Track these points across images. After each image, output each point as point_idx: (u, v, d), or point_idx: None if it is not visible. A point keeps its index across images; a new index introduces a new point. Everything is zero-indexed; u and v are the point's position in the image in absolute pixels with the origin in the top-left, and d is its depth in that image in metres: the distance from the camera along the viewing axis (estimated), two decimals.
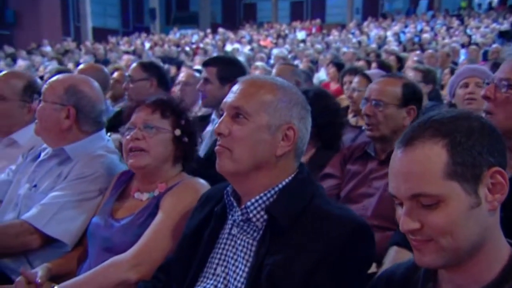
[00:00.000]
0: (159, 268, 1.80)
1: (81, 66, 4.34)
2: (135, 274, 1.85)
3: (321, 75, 9.26)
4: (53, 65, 9.66)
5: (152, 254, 1.86)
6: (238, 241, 1.62)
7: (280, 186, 1.60)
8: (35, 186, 2.34)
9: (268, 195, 1.59)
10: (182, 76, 4.67)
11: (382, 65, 6.61)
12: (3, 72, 2.98)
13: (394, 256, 2.06)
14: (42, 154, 2.44)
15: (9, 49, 18.00)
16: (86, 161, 2.30)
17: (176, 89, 4.56)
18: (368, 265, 1.58)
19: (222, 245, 1.65)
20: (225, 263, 1.62)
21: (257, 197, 1.58)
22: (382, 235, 2.33)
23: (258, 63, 7.80)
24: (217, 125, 1.61)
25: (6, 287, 1.88)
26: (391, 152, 2.46)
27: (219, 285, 1.60)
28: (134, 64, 4.06)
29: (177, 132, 2.06)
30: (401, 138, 1.28)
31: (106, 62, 12.78)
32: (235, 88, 1.65)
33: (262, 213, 1.57)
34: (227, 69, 3.30)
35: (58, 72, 4.82)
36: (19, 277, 1.89)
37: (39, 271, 1.96)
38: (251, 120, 1.57)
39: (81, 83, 2.42)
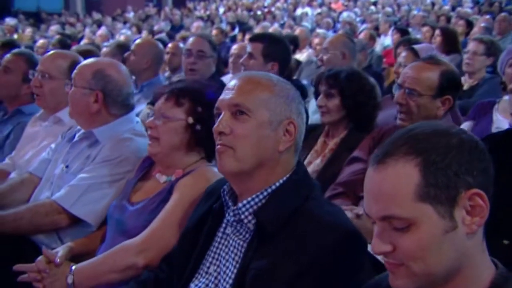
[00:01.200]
0: (163, 259, 1.76)
1: (138, 41, 4.32)
2: (142, 259, 1.83)
3: (386, 41, 8.84)
4: (127, 33, 9.82)
5: (159, 241, 1.83)
6: (231, 241, 1.55)
7: (274, 187, 1.51)
8: (67, 166, 2.37)
9: (261, 196, 1.50)
10: (234, 48, 4.58)
11: (446, 33, 6.19)
12: (50, 52, 3.02)
13: None
14: (76, 136, 2.46)
15: (96, 15, 18.52)
16: (112, 144, 2.29)
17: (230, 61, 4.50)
18: (359, 273, 1.46)
19: (217, 244, 1.58)
20: (217, 262, 1.56)
21: (249, 199, 1.50)
22: None
23: (319, 30, 7.56)
24: (216, 124, 1.53)
25: (28, 266, 1.91)
26: None
27: (210, 284, 1.54)
28: (201, 40, 3.96)
29: (190, 120, 1.99)
30: (375, 154, 1.14)
31: (181, 28, 12.88)
32: (231, 85, 1.56)
33: (251, 216, 1.49)
34: (273, 47, 3.24)
35: (118, 45, 4.89)
36: (41, 256, 1.93)
37: (60, 251, 1.98)
38: (252, 117, 1.49)
39: (108, 67, 2.39)
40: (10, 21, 13.95)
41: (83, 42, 8.59)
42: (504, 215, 1.81)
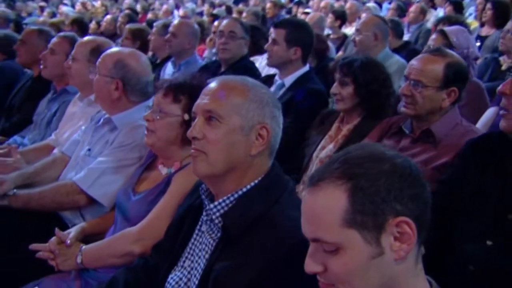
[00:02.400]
0: (153, 247, 1.76)
1: (176, 23, 4.28)
2: (139, 247, 1.85)
3: (440, 14, 8.31)
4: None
5: (154, 231, 1.83)
6: (204, 239, 1.52)
7: (244, 190, 1.46)
8: (89, 149, 2.42)
9: (231, 198, 1.46)
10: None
11: (497, 6, 5.73)
12: (85, 38, 3.07)
13: None
14: (101, 120, 2.50)
15: None
16: (127, 130, 2.30)
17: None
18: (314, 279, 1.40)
19: (193, 240, 1.57)
20: (192, 258, 1.54)
21: (221, 200, 1.46)
22: None
23: (369, 4, 7.23)
24: (190, 128, 1.50)
25: (42, 245, 1.99)
26: (425, 130, 2.20)
27: (183, 278, 1.53)
28: (233, 21, 3.90)
29: (186, 117, 1.95)
30: (311, 176, 1.09)
31: (242, 1, 12.68)
32: (207, 89, 1.52)
33: (220, 218, 1.46)
34: (295, 32, 3.13)
35: (164, 26, 4.86)
36: (53, 237, 2.01)
37: (72, 232, 2.04)
38: (224, 123, 1.45)
39: (128, 57, 2.39)
40: None
41: (148, 16, 8.66)
42: (487, 217, 1.71)
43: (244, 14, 6.69)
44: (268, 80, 3.29)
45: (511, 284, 1.64)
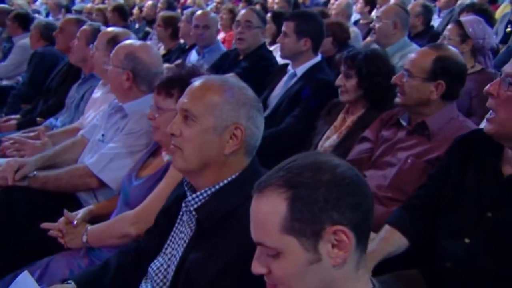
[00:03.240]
0: (146, 232, 1.80)
1: (199, 13, 4.27)
2: (134, 230, 1.90)
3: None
4: None
5: (149, 215, 1.85)
6: (184, 228, 1.54)
7: (218, 186, 1.46)
8: (103, 135, 2.48)
9: (206, 194, 1.46)
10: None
11: None
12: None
13: (383, 235, 1.84)
14: (114, 108, 2.55)
15: None
16: (136, 118, 2.33)
17: None
18: None
19: (175, 228, 1.59)
20: (173, 245, 1.56)
21: (198, 193, 1.47)
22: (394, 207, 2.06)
23: None
24: (170, 125, 1.51)
25: (52, 225, 2.08)
26: (420, 123, 2.16)
27: (164, 264, 1.56)
28: (250, 11, 3.84)
29: None
30: (258, 182, 1.09)
31: None
32: (188, 89, 1.52)
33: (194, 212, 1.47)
34: (304, 24, 3.08)
35: (192, 13, 4.86)
36: (62, 217, 2.08)
37: (80, 213, 2.11)
38: (198, 122, 1.45)
39: (139, 50, 2.42)
40: None
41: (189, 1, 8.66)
42: (466, 214, 1.66)
43: (276, 0, 6.58)
44: (283, 69, 3.26)
45: (487, 283, 1.59)
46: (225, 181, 1.47)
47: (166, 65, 4.36)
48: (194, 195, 1.48)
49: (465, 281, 1.63)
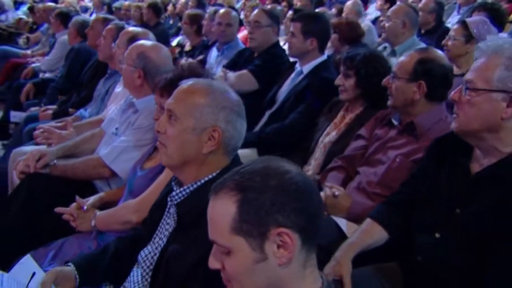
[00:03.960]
0: (143, 220, 1.84)
1: (222, 11, 4.25)
2: (136, 218, 1.94)
3: None
4: None
5: (148, 204, 1.86)
6: (169, 220, 1.57)
7: (199, 183, 1.48)
8: (116, 128, 2.53)
9: (187, 190, 1.49)
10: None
11: None
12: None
13: (364, 227, 1.85)
14: (128, 103, 2.59)
15: None
16: (146, 114, 2.37)
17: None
18: None
19: (162, 219, 1.61)
20: (160, 235, 1.59)
21: (182, 189, 1.49)
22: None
23: None
24: (157, 123, 1.54)
25: (64, 209, 2.14)
26: (409, 123, 2.13)
27: (151, 252, 1.59)
28: (259, 11, 3.75)
29: None
30: (215, 183, 1.11)
31: None
32: (174, 91, 1.54)
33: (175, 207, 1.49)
34: (311, 24, 3.06)
35: (215, 12, 4.83)
36: (74, 203, 2.15)
37: (91, 200, 2.18)
38: (179, 122, 1.47)
39: (150, 50, 2.45)
40: None
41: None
42: (438, 210, 1.65)
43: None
44: (291, 67, 3.23)
45: (454, 277, 1.56)
46: (206, 179, 1.48)
47: (190, 60, 4.42)
48: (178, 190, 1.50)
49: (435, 275, 1.62)
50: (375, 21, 6.04)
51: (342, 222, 2.05)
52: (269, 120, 3.07)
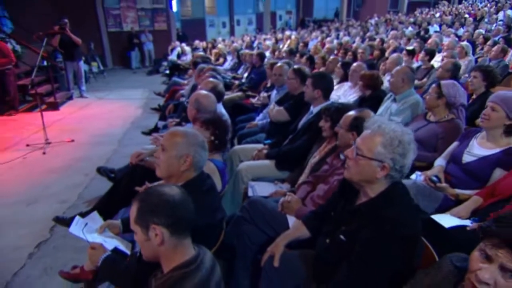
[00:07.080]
0: None
1: (277, 65, 4.46)
2: None
3: None
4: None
5: None
6: None
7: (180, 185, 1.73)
8: None
9: None
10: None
11: None
12: None
13: (296, 225, 2.02)
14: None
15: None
16: None
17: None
18: None
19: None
20: None
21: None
22: None
23: (463, 43, 6.10)
24: (155, 153, 1.85)
25: (141, 188, 2.61)
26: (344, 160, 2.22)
27: None
28: (278, 67, 4.11)
29: (211, 138, 2.33)
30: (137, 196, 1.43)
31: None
32: (166, 133, 1.84)
33: None
34: (318, 80, 3.20)
35: (272, 63, 5.01)
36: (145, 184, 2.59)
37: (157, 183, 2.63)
38: (166, 153, 1.77)
39: (202, 97, 2.88)
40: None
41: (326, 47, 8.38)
42: (332, 224, 1.76)
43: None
44: (309, 108, 3.40)
45: (329, 269, 1.65)
46: (182, 183, 1.80)
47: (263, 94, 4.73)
48: None
49: (320, 271, 1.74)
50: (418, 69, 5.70)
51: (291, 219, 2.22)
52: (289, 142, 3.25)
